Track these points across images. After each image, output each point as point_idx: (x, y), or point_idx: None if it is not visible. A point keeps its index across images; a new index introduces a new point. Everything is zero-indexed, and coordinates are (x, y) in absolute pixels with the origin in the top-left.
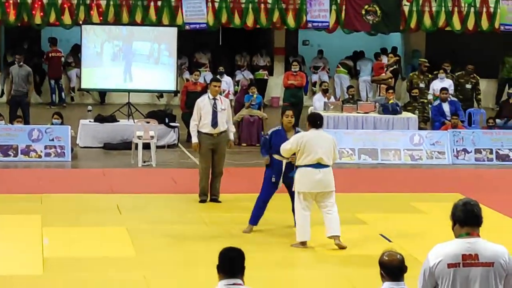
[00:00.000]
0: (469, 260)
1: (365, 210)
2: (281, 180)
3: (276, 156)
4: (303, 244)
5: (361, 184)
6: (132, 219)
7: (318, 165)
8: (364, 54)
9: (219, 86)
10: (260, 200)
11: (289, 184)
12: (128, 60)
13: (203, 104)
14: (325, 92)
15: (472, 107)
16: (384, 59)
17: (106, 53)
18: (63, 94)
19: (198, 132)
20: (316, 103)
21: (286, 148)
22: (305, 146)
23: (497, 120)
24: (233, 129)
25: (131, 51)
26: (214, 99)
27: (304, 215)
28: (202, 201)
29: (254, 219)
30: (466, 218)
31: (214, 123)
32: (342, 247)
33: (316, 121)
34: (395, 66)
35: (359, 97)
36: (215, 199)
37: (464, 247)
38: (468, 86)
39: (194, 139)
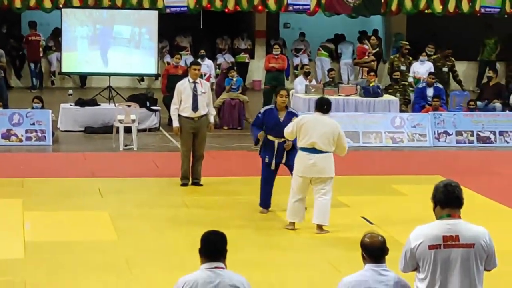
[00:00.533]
0: (450, 241)
1: (346, 193)
2: (273, 160)
3: (269, 136)
4: (291, 225)
5: (343, 167)
6: (113, 203)
7: (313, 150)
8: (345, 37)
9: (199, 70)
10: (261, 181)
11: (290, 166)
12: (109, 44)
13: (183, 87)
14: (307, 75)
15: (449, 90)
16: (368, 45)
17: (86, 37)
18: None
19: (179, 115)
20: (298, 86)
21: (288, 131)
22: (302, 128)
23: (478, 103)
24: (213, 112)
25: (112, 34)
26: (194, 82)
27: (296, 197)
28: (184, 184)
29: (262, 201)
30: (447, 200)
31: (195, 107)
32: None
33: (322, 105)
34: (377, 49)
35: (340, 80)
36: (196, 183)
37: (445, 229)
38: (445, 69)
39: (175, 123)
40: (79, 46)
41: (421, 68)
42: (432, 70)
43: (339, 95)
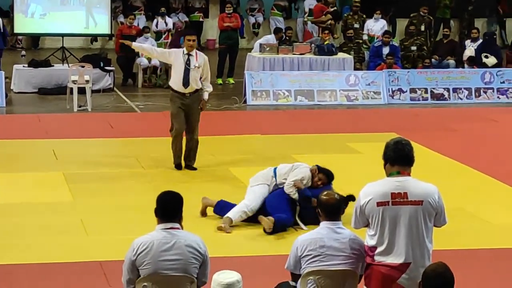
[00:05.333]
0: (398, 198)
1: (302, 151)
2: None
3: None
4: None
5: (298, 125)
6: (68, 164)
7: None
8: None
9: (194, 40)
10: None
11: None
12: (62, 4)
13: (176, 56)
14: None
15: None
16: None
17: None
18: None
19: (170, 88)
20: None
21: None
22: None
23: (432, 60)
24: (209, 88)
25: None
26: (189, 54)
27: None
28: (177, 166)
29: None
30: (397, 157)
31: (186, 82)
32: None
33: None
34: (335, 8)
35: (295, 39)
36: (189, 166)
37: (393, 186)
38: (422, 28)
39: (135, 44)
40: (31, 6)
41: (375, 26)
42: (386, 28)
43: (294, 54)
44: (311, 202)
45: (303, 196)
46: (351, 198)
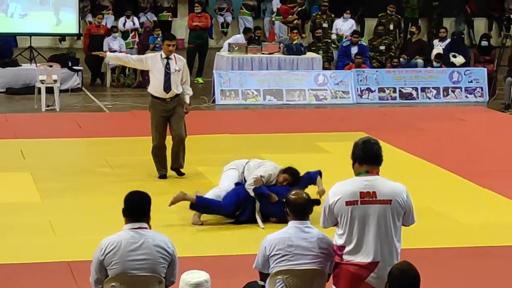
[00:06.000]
0: (367, 197)
1: (270, 151)
2: None
3: None
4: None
5: (267, 124)
6: (36, 164)
7: None
8: None
9: (173, 45)
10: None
11: None
12: (30, 3)
13: (154, 61)
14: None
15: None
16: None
17: None
18: None
19: (150, 95)
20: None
21: None
22: None
23: (401, 59)
24: (190, 91)
25: None
26: (168, 58)
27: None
28: (162, 176)
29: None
30: (365, 157)
31: (167, 86)
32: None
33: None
34: (303, 7)
35: (264, 38)
36: (177, 170)
37: (362, 185)
38: (391, 27)
39: (109, 54)
40: (10, 6)
41: (344, 25)
42: (354, 27)
43: (263, 53)
44: (267, 199)
45: (258, 192)
46: (316, 202)
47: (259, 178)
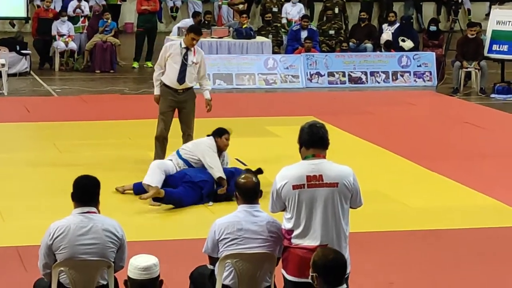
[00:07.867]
0: (314, 181)
1: None
2: None
3: None
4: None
5: (216, 109)
6: None
7: None
8: None
9: (197, 41)
10: None
11: None
12: None
13: (172, 51)
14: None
15: None
16: None
17: None
18: None
19: (162, 83)
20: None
21: None
22: None
23: (350, 44)
24: (208, 86)
25: None
26: (187, 48)
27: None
28: None
29: None
30: (312, 141)
31: (181, 78)
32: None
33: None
34: None
35: (214, 23)
36: None
37: (308, 169)
38: (336, 10)
39: (156, 90)
40: None
41: (293, 10)
42: (303, 11)
43: (212, 37)
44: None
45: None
46: (259, 171)
47: (223, 179)
